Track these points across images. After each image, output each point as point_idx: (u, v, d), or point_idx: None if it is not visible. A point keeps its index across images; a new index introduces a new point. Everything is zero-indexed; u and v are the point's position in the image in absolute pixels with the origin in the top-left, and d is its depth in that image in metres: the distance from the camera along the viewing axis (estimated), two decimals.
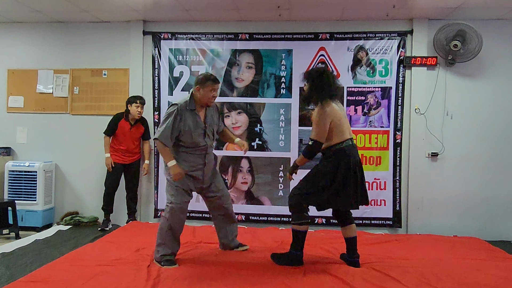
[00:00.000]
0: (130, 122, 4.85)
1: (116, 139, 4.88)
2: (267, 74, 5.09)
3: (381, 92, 4.97)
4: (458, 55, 4.73)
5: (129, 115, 4.84)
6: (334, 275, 3.16)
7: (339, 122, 3.28)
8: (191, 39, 5.17)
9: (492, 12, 4.65)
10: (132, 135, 4.89)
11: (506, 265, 3.54)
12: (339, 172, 3.22)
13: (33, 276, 3.08)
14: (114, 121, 4.85)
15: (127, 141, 4.87)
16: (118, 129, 4.83)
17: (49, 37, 5.38)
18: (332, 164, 3.25)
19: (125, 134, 4.84)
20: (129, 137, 4.87)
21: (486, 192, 4.87)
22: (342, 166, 3.23)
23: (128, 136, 4.86)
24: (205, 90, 3.40)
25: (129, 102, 4.83)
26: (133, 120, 4.86)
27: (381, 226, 4.95)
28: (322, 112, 3.25)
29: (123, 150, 4.88)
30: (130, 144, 4.89)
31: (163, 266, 3.31)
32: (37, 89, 5.39)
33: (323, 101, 3.27)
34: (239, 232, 3.91)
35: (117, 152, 4.88)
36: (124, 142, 4.86)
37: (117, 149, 4.88)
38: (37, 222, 5.04)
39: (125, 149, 4.88)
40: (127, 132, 4.85)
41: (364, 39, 4.98)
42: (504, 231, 4.79)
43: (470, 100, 4.90)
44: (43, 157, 5.31)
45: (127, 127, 4.84)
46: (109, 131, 4.84)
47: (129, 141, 4.88)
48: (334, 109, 3.27)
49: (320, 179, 3.26)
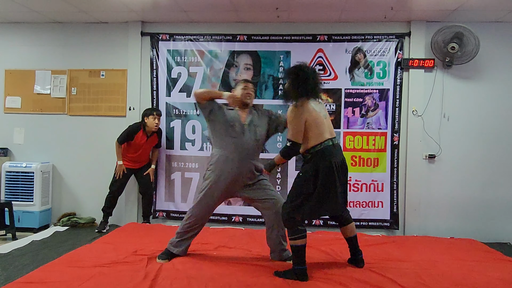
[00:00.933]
0: (147, 134, 4.83)
1: (130, 148, 4.83)
2: (265, 76, 5.10)
3: (379, 94, 4.98)
4: (456, 57, 4.75)
5: (146, 128, 4.81)
6: (331, 277, 3.16)
7: (314, 123, 3.12)
8: (189, 40, 5.17)
9: (489, 15, 4.67)
10: (147, 146, 4.90)
11: (503, 267, 3.55)
12: (320, 176, 3.07)
13: (30, 277, 3.07)
14: (131, 132, 4.78)
15: (140, 152, 4.87)
16: (134, 141, 4.78)
17: (47, 38, 5.37)
18: (312, 168, 3.10)
19: (140, 145, 4.83)
20: (144, 148, 4.87)
21: (482, 194, 4.89)
22: (323, 168, 3.07)
23: (143, 147, 4.86)
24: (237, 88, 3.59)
25: (146, 114, 4.81)
26: (150, 132, 4.84)
27: (379, 228, 4.96)
28: (295, 110, 3.11)
29: (134, 158, 4.86)
30: (143, 154, 4.91)
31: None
32: (34, 90, 5.38)
33: (298, 99, 3.12)
34: (236, 234, 3.91)
35: (127, 158, 4.84)
36: (138, 152, 4.85)
37: (127, 156, 4.84)
38: (34, 223, 5.03)
39: (137, 157, 4.88)
40: (143, 144, 4.84)
41: (362, 41, 4.99)
42: (501, 233, 4.80)
43: (467, 102, 4.91)
44: (40, 158, 5.29)
45: (143, 140, 4.82)
46: (122, 140, 4.77)
47: (143, 152, 4.89)
48: (309, 108, 3.12)
49: (304, 186, 3.11)
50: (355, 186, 4.96)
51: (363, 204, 4.96)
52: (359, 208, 4.95)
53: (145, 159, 4.98)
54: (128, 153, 4.86)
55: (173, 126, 5.19)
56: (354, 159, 4.96)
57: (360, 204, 4.96)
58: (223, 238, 4.22)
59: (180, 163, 5.17)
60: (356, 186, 4.96)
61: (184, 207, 5.11)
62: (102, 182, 5.03)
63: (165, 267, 3.32)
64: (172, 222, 5.11)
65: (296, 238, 3.13)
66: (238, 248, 3.92)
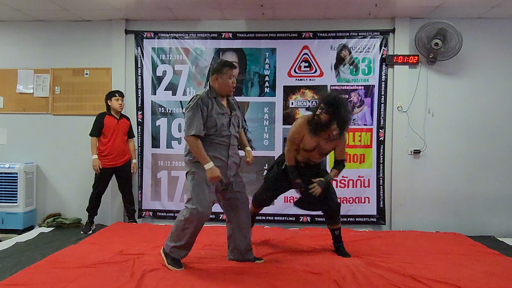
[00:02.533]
0: (115, 116, 4.78)
1: (104, 138, 4.74)
2: (251, 73, 5.09)
3: (364, 90, 5.01)
4: (439, 54, 4.80)
5: (111, 111, 4.77)
6: (319, 272, 3.17)
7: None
8: (174, 38, 5.14)
9: (472, 11, 4.72)
10: (120, 129, 4.79)
11: (487, 260, 3.60)
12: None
13: (13, 279, 3.02)
14: (98, 119, 4.73)
15: (115, 137, 4.74)
16: (105, 126, 4.71)
17: (29, 36, 5.28)
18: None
19: (112, 129, 4.73)
20: (117, 133, 4.77)
21: (467, 188, 4.96)
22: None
23: (116, 132, 4.75)
24: (223, 77, 3.21)
25: (108, 97, 4.77)
26: (118, 114, 4.79)
27: (365, 224, 4.99)
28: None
29: (111, 151, 4.72)
30: (118, 140, 4.76)
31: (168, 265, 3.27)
32: (17, 89, 5.29)
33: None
34: (222, 232, 3.88)
35: (106, 155, 4.72)
36: (112, 138, 4.73)
37: (105, 152, 4.72)
38: (18, 224, 4.95)
39: (114, 147, 4.73)
40: (115, 126, 4.74)
41: (347, 38, 5.01)
42: (485, 226, 4.88)
43: (451, 98, 4.97)
44: (23, 158, 5.22)
45: (113, 122, 4.75)
46: (95, 131, 4.71)
47: (117, 137, 4.75)
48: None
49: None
50: (341, 182, 4.98)
51: (350, 200, 4.99)
52: (346, 204, 4.97)
53: (122, 151, 4.81)
54: (103, 145, 4.72)
55: (159, 125, 5.15)
56: None
57: (347, 200, 4.98)
58: (210, 236, 4.20)
59: (166, 162, 5.14)
60: (342, 182, 4.98)
61: (171, 206, 5.09)
62: (87, 182, 4.96)
63: (151, 267, 3.29)
64: (159, 221, 5.08)
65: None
66: (225, 246, 3.90)
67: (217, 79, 3.23)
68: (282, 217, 5.06)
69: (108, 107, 4.78)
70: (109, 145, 4.72)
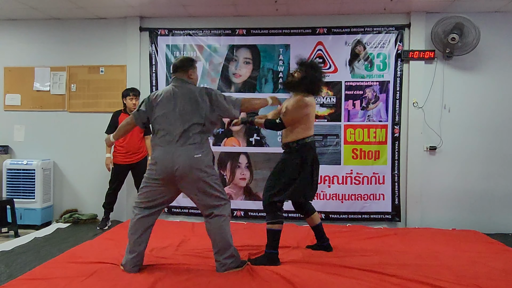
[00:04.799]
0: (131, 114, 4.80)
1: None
2: (264, 69, 5.08)
3: (379, 86, 4.96)
4: (456, 48, 4.73)
5: (126, 109, 4.81)
6: (329, 271, 3.17)
7: (311, 118, 3.44)
8: (188, 35, 5.15)
9: (489, 5, 4.64)
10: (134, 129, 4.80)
11: (505, 257, 3.55)
12: (306, 165, 3.35)
13: (32, 273, 3.08)
14: (113, 117, 4.80)
15: (130, 135, 4.70)
16: (119, 123, 4.75)
17: (46, 34, 5.35)
18: (299, 158, 3.35)
19: None
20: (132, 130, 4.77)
21: (484, 185, 4.88)
22: (309, 159, 3.37)
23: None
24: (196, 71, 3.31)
25: (123, 96, 4.80)
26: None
27: (380, 220, 4.95)
28: (303, 101, 3.35)
29: (127, 149, 4.75)
30: (134, 137, 4.76)
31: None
32: (34, 87, 5.37)
33: (308, 93, 3.39)
34: (238, 228, 3.87)
35: (122, 152, 4.76)
36: (128, 136, 4.70)
37: (121, 149, 4.76)
38: (36, 220, 5.04)
39: (129, 145, 4.75)
40: None
41: (361, 33, 4.97)
42: (502, 224, 4.80)
43: (468, 94, 4.89)
44: (41, 155, 5.30)
45: None
46: (110, 129, 4.71)
47: (132, 134, 4.71)
48: (313, 103, 3.43)
49: (289, 172, 3.34)
50: (356, 179, 4.95)
51: (365, 197, 4.96)
52: (361, 201, 4.94)
53: (137, 149, 4.82)
54: (118, 143, 4.71)
55: None
56: (355, 152, 4.96)
57: (362, 197, 4.95)
58: None
59: None
60: (357, 179, 4.95)
61: (186, 202, 5.10)
62: (103, 178, 5.03)
63: (167, 262, 3.32)
64: (174, 218, 5.12)
65: (274, 222, 3.32)
66: None
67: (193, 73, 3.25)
68: (296, 214, 5.02)
69: (124, 104, 4.83)
70: (124, 143, 4.75)
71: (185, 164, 2.98)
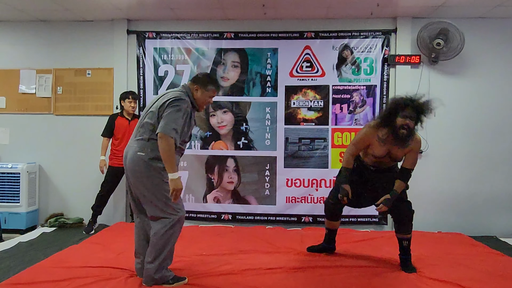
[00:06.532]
0: (127, 118, 4.79)
1: (115, 139, 4.77)
2: (252, 73, 5.09)
3: (366, 90, 5.00)
4: (441, 53, 4.79)
5: (123, 112, 4.79)
6: (320, 273, 3.18)
7: None
8: (176, 38, 5.14)
9: (474, 11, 4.71)
10: (131, 130, 4.74)
11: (489, 260, 3.60)
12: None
13: (16, 278, 3.04)
14: (110, 120, 4.77)
15: (126, 138, 4.70)
16: (116, 127, 4.72)
17: (31, 36, 5.29)
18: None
19: (124, 131, 4.73)
20: (128, 134, 4.72)
21: (469, 188, 4.95)
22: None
23: (127, 133, 4.72)
24: (204, 94, 3.02)
25: (122, 98, 4.78)
26: (130, 116, 4.80)
27: (367, 224, 4.98)
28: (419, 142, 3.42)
29: (120, 149, 4.67)
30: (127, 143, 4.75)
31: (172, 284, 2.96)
32: (19, 89, 5.31)
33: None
34: (226, 231, 3.87)
35: (117, 155, 4.71)
36: (124, 139, 4.71)
37: (117, 152, 4.71)
38: (21, 224, 4.97)
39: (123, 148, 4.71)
40: (126, 128, 4.74)
41: (349, 38, 5.01)
42: (487, 227, 4.86)
43: (454, 98, 4.95)
44: (26, 158, 5.22)
45: (125, 123, 4.76)
46: (106, 132, 4.73)
47: (128, 138, 4.69)
48: None
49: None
50: None
51: None
52: None
53: None
54: (114, 146, 4.75)
55: None
56: (342, 155, 4.97)
57: None
58: (213, 236, 4.21)
59: None
60: None
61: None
62: (89, 182, 4.99)
63: None
64: None
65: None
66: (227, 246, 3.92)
67: (197, 90, 3.01)
68: (284, 217, 5.05)
69: (121, 107, 4.80)
70: (120, 146, 4.73)
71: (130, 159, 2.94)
